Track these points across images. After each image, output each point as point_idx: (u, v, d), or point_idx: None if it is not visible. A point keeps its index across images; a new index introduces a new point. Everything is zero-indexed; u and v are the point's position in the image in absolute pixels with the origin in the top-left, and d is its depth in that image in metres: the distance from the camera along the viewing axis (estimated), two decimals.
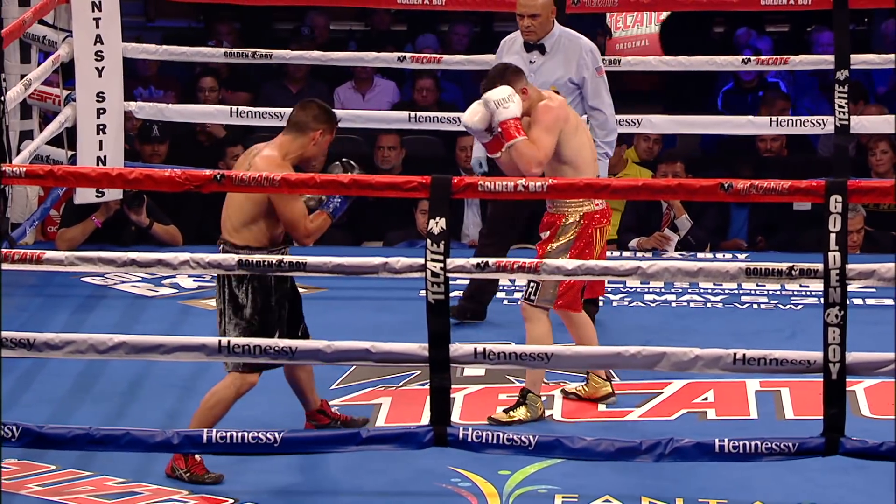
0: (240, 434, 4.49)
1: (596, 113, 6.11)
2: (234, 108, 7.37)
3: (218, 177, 4.57)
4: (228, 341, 4.55)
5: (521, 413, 5.18)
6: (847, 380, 4.39)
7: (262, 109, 7.37)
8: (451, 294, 4.51)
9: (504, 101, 5.13)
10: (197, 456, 4.80)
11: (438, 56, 7.40)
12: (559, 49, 6.13)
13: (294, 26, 9.78)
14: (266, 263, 4.57)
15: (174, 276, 6.76)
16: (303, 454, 4.64)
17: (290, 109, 6.83)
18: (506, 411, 5.19)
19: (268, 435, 4.49)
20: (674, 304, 6.54)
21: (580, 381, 5.46)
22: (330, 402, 5.37)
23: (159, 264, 4.60)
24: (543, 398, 5.28)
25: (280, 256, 4.62)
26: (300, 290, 5.15)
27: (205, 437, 4.51)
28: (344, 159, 5.07)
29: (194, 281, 6.79)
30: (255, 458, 4.65)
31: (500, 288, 6.73)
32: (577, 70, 6.11)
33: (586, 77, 6.11)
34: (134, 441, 4.50)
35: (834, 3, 6.97)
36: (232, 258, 4.60)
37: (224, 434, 4.50)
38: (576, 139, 5.24)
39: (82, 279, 6.70)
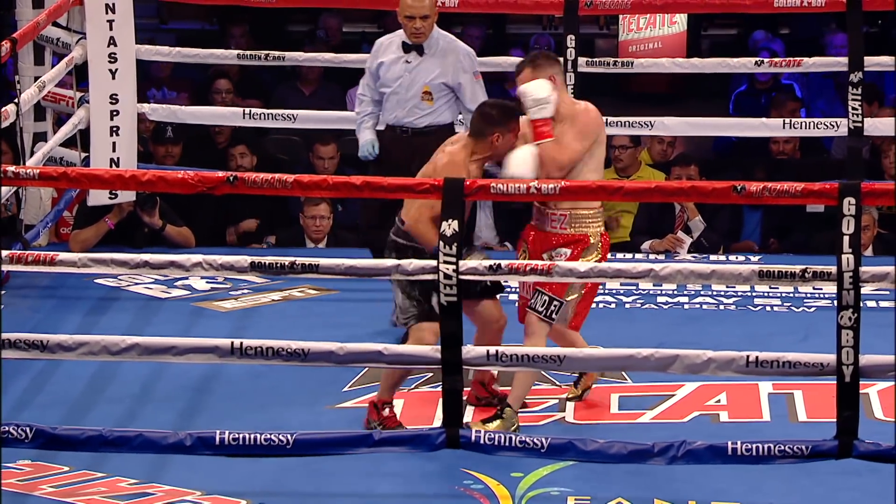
0: (252, 436, 4.50)
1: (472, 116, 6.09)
2: (248, 109, 7.38)
3: (231, 178, 4.58)
4: (241, 342, 4.55)
5: (494, 426, 4.99)
6: (860, 382, 4.38)
7: (275, 111, 7.38)
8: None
9: (543, 100, 5.04)
10: (387, 410, 5.01)
11: None
12: (437, 51, 6.20)
13: (307, 28, 9.80)
14: (279, 265, 4.58)
15: (187, 278, 6.77)
16: (316, 455, 4.64)
17: (303, 112, 6.88)
18: (483, 422, 5.05)
19: (280, 436, 4.49)
20: (686, 307, 6.53)
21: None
22: (342, 405, 5.38)
23: (172, 266, 4.61)
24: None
25: (293, 258, 4.62)
26: (312, 291, 5.15)
27: (217, 439, 4.51)
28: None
29: (207, 283, 6.80)
30: (268, 459, 4.65)
31: (513, 290, 6.72)
32: (453, 73, 6.18)
33: (462, 82, 6.19)
34: (147, 443, 4.51)
35: (847, 4, 6.97)
36: (245, 260, 4.61)
37: (237, 435, 4.50)
38: (600, 150, 5.14)
39: (95, 281, 6.72)
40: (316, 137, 7.89)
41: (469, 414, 5.22)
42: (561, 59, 5.22)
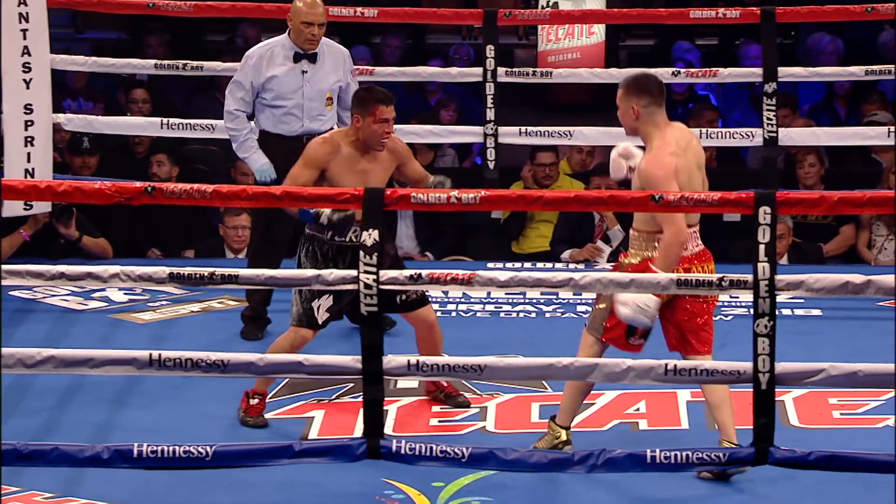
0: (171, 448, 4.45)
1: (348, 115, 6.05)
2: (166, 120, 7.32)
3: (149, 189, 4.54)
4: (160, 354, 4.51)
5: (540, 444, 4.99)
6: (776, 390, 4.43)
7: (193, 122, 7.32)
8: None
9: (644, 309, 4.78)
10: (255, 401, 5.20)
11: (370, 68, 7.40)
12: (326, 56, 6.25)
13: (226, 38, 9.74)
14: (198, 276, 4.54)
15: (104, 290, 6.70)
16: (236, 467, 4.61)
17: (222, 122, 6.83)
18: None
19: (200, 448, 4.45)
20: None
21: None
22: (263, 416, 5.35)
23: (89, 277, 4.56)
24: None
25: (213, 269, 4.59)
26: (231, 302, 5.12)
27: (135, 452, 4.47)
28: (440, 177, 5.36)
29: (125, 294, 6.73)
30: (187, 471, 4.61)
31: (434, 299, 6.74)
32: (344, 75, 6.26)
33: (350, 82, 6.26)
34: (63, 456, 4.45)
35: (761, 16, 7.06)
36: (163, 271, 4.56)
37: (155, 448, 4.46)
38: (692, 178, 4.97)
39: (10, 293, 6.62)
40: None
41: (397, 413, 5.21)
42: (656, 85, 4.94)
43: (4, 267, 4.55)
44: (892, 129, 7.24)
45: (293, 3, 6.28)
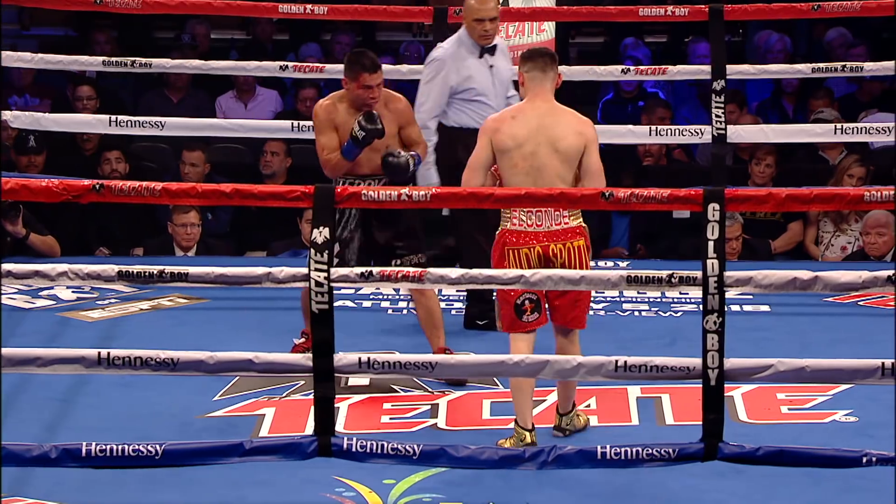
0: (120, 447, 4.43)
1: (512, 99, 6.29)
2: (114, 117, 7.27)
3: (97, 187, 4.51)
4: (108, 353, 4.48)
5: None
6: (725, 385, 4.46)
7: (142, 119, 7.28)
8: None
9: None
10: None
11: (321, 65, 7.38)
12: (499, 49, 6.32)
13: (174, 35, 9.69)
14: (147, 274, 4.52)
15: (52, 288, 6.65)
16: (185, 466, 4.59)
17: (171, 119, 6.80)
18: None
19: (149, 447, 4.43)
20: None
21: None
22: (212, 414, 5.33)
23: (36, 276, 4.52)
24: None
25: (162, 267, 4.56)
26: (181, 300, 5.09)
27: (84, 451, 4.43)
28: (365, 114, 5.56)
29: (73, 292, 6.68)
30: (136, 470, 4.59)
31: (385, 297, 6.74)
32: (512, 65, 6.30)
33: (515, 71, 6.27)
34: (10, 455, 4.41)
35: (710, 14, 7.10)
36: (112, 269, 4.53)
37: (104, 447, 4.43)
38: (504, 160, 5.05)
39: None
40: (183, 144, 7.82)
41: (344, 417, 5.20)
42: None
43: None
44: (838, 126, 7.31)
45: (465, 1, 6.29)
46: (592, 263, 7.09)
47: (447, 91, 6.26)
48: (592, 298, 6.67)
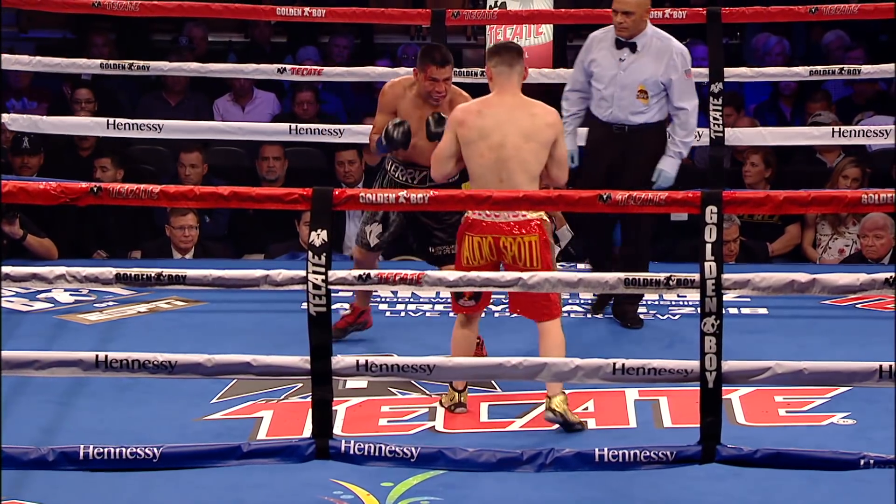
0: (118, 450, 4.43)
1: (679, 112, 6.26)
2: (112, 120, 7.27)
3: (94, 189, 4.51)
4: (106, 355, 4.48)
5: None
6: (723, 388, 4.46)
7: (140, 122, 7.28)
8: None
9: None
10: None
11: (319, 68, 7.38)
12: (650, 49, 6.25)
13: (172, 37, 9.69)
14: (145, 277, 4.52)
15: (49, 291, 6.65)
16: (183, 469, 4.59)
17: (168, 122, 6.81)
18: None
19: (147, 450, 4.43)
20: None
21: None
22: (210, 417, 5.33)
23: (34, 278, 4.52)
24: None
25: (160, 269, 4.56)
26: (179, 303, 5.09)
27: (81, 453, 4.43)
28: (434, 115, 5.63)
29: (70, 295, 6.68)
30: (134, 473, 4.58)
31: (383, 300, 6.73)
32: (665, 71, 6.23)
33: (673, 79, 6.23)
34: (8, 458, 4.41)
35: (707, 17, 7.10)
36: (110, 271, 4.53)
37: (101, 450, 4.43)
38: (469, 150, 5.20)
39: None
40: (181, 147, 7.82)
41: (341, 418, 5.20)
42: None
43: None
44: (836, 129, 7.31)
45: None
46: (590, 266, 7.15)
47: (579, 67, 6.34)
48: (590, 301, 6.69)
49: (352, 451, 4.48)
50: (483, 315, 5.90)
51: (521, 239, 5.17)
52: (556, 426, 5.24)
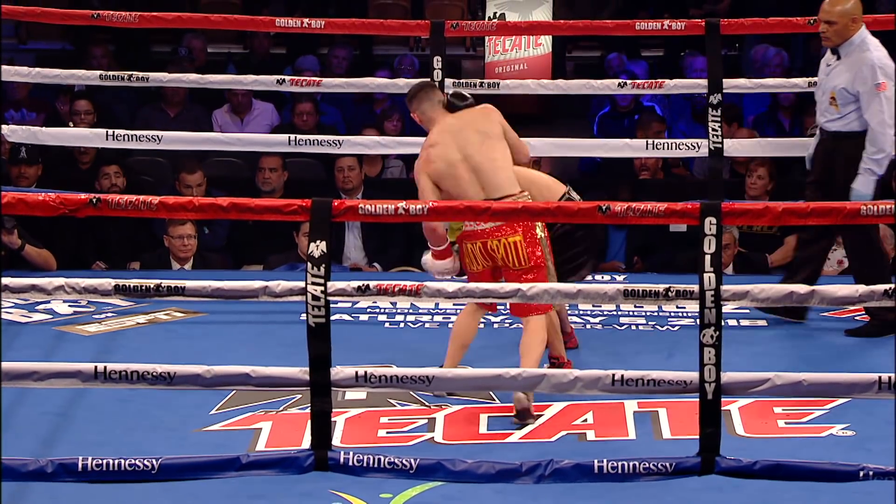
0: (117, 461, 4.43)
1: (869, 126, 6.20)
2: (111, 131, 7.27)
3: (94, 201, 4.51)
4: (105, 367, 4.48)
5: None
6: (722, 399, 4.46)
7: (139, 133, 7.29)
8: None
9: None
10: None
11: (318, 79, 7.39)
12: (849, 58, 6.25)
13: (171, 49, 9.71)
14: (144, 288, 4.52)
15: (48, 302, 6.65)
16: (182, 480, 4.58)
17: (168, 133, 6.80)
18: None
19: (145, 462, 4.43)
20: None
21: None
22: (209, 428, 5.32)
23: (33, 290, 4.52)
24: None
25: (159, 281, 4.56)
26: (178, 314, 5.09)
27: (80, 465, 4.43)
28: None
29: (69, 306, 6.68)
30: (133, 485, 4.58)
31: (382, 311, 6.73)
32: (852, 82, 6.21)
33: (861, 91, 6.20)
34: (7, 470, 4.41)
35: (706, 28, 7.12)
36: (109, 283, 4.53)
37: (101, 461, 4.43)
38: (446, 181, 5.41)
39: None
40: (183, 168, 7.81)
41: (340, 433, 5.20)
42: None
43: None
44: None
45: None
46: (588, 277, 7.16)
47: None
48: (590, 312, 6.69)
49: (351, 463, 4.48)
50: (482, 325, 5.91)
51: (504, 240, 5.38)
52: (556, 437, 5.24)
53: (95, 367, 4.48)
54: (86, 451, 4.67)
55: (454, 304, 6.72)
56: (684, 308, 6.70)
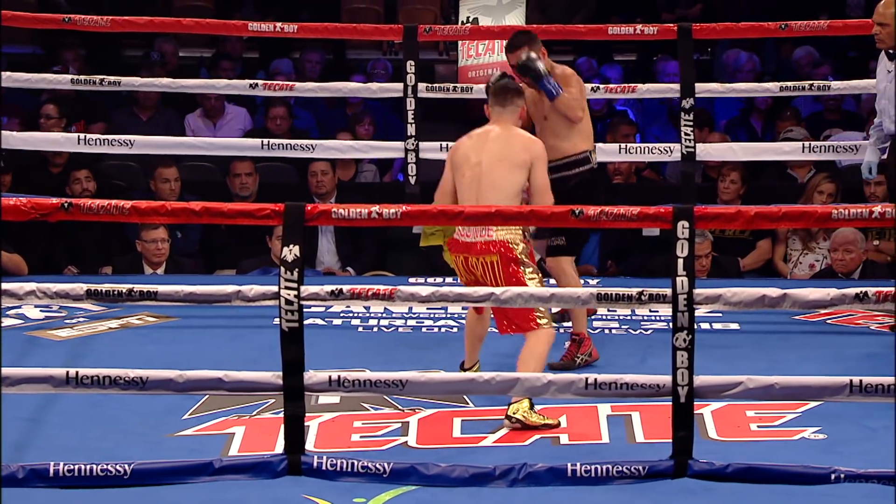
0: (89, 467, 4.41)
1: None
2: (83, 135, 7.24)
3: (65, 205, 4.49)
4: (77, 372, 4.47)
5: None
6: (695, 403, 4.47)
7: (111, 137, 7.26)
8: None
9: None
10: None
11: (291, 83, 7.38)
12: None
13: (143, 53, 9.68)
14: (116, 292, 4.50)
15: (20, 307, 6.62)
16: (154, 485, 4.57)
17: (140, 137, 6.76)
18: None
19: (118, 467, 4.41)
20: None
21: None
22: (182, 433, 5.31)
23: (4, 295, 4.50)
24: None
25: (131, 285, 4.55)
26: (150, 318, 5.07)
27: (52, 471, 4.41)
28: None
29: (41, 311, 6.65)
30: (105, 490, 4.56)
31: (355, 315, 6.73)
32: None
33: None
34: None
35: (678, 33, 7.14)
36: (81, 287, 4.52)
37: (72, 467, 4.41)
38: (456, 172, 5.50)
39: None
40: (154, 163, 7.80)
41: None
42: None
43: None
44: (807, 144, 7.35)
45: None
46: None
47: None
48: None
49: (324, 467, 4.47)
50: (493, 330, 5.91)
51: (483, 259, 5.39)
52: (529, 441, 5.25)
53: (67, 373, 4.46)
54: (57, 456, 4.65)
55: (427, 308, 6.73)
56: (657, 312, 6.72)
